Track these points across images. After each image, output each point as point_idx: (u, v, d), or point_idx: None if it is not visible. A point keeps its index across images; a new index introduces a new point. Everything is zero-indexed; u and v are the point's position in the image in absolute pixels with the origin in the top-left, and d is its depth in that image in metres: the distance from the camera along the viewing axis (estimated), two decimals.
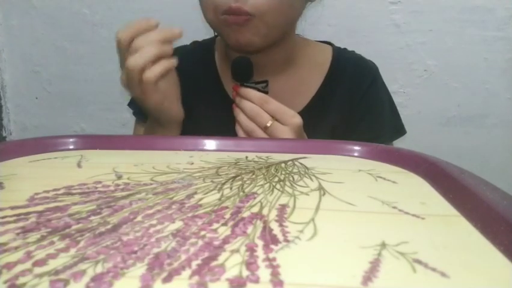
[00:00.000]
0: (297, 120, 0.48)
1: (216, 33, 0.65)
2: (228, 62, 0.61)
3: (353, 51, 0.65)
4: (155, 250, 0.18)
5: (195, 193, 0.26)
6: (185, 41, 0.68)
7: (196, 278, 0.16)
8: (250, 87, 0.50)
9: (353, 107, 0.60)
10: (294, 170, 0.32)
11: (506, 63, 0.84)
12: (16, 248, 0.18)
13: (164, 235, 0.20)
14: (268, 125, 0.48)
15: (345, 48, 0.65)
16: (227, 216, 0.22)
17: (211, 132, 0.42)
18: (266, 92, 0.50)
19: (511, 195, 0.24)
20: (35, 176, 0.30)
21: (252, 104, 0.49)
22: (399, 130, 0.63)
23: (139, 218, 0.22)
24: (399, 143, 0.64)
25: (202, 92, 0.63)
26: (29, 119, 0.99)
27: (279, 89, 0.57)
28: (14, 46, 0.94)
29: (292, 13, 0.54)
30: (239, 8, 0.48)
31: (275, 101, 0.49)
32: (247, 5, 0.48)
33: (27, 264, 0.17)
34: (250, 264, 0.17)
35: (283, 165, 0.34)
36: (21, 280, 0.16)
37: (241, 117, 0.50)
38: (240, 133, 0.50)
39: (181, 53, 0.66)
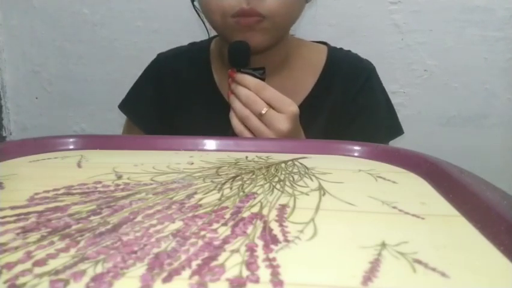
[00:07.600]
0: (294, 108, 0.47)
1: (210, 35, 0.65)
2: (222, 63, 0.62)
3: (349, 51, 0.65)
4: (155, 250, 0.18)
5: (195, 193, 0.26)
6: (184, 41, 0.68)
7: (196, 278, 0.16)
8: (247, 73, 0.49)
9: (346, 106, 0.60)
10: (294, 170, 0.32)
11: (506, 63, 0.84)
12: (16, 248, 0.18)
13: (164, 235, 0.20)
14: (263, 112, 0.46)
15: (341, 48, 0.65)
16: (227, 216, 0.22)
17: (204, 131, 0.42)
18: (263, 79, 0.49)
19: (511, 195, 0.24)
20: (35, 176, 0.30)
21: (247, 90, 0.47)
22: (395, 130, 0.62)
23: (139, 218, 0.22)
24: (398, 143, 0.64)
25: (196, 92, 0.63)
26: (29, 119, 0.98)
27: None
28: (14, 46, 0.94)
29: (297, 14, 0.54)
30: (252, 10, 0.48)
31: (272, 88, 0.47)
32: (260, 7, 0.48)
33: (27, 264, 0.17)
34: (250, 264, 0.17)
35: (283, 165, 0.34)
36: (21, 280, 0.16)
37: (236, 103, 0.48)
38: (234, 120, 0.48)
39: (176, 53, 0.66)
